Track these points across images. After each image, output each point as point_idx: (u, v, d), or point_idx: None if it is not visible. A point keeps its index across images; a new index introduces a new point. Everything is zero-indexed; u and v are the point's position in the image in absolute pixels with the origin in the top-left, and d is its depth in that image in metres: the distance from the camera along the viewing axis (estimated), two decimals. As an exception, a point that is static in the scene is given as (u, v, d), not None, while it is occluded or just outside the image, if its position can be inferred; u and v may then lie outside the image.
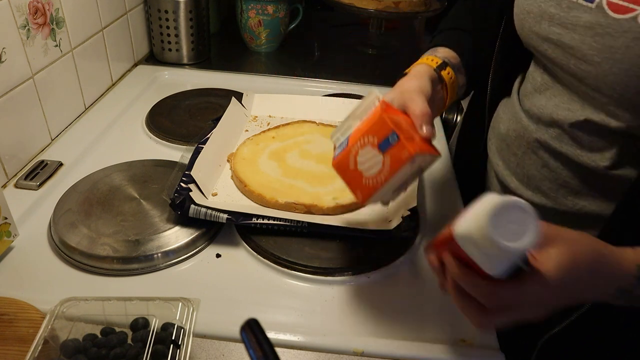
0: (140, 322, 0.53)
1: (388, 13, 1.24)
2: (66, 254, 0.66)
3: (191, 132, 0.91)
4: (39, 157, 0.85)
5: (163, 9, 1.15)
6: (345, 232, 0.69)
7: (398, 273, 0.67)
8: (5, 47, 0.75)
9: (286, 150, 0.85)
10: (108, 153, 0.87)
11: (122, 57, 1.14)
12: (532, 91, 0.67)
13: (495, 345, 0.58)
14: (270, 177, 0.78)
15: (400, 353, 0.57)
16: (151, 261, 0.65)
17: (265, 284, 0.65)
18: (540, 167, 0.65)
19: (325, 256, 0.67)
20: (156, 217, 0.71)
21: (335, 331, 0.59)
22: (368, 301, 0.63)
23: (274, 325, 0.58)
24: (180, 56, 1.21)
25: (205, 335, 0.56)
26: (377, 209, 0.76)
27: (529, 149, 0.66)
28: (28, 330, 0.54)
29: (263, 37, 1.30)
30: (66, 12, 0.89)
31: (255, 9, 1.25)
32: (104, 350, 0.50)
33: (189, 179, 0.73)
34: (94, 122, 0.95)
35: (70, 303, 0.52)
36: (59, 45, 0.89)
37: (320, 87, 1.15)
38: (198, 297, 0.54)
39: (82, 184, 0.76)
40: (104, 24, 1.03)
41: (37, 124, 0.85)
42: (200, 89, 1.10)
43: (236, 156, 0.83)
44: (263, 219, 0.69)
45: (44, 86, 0.85)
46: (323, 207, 0.73)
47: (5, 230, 0.64)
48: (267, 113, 0.99)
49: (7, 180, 0.78)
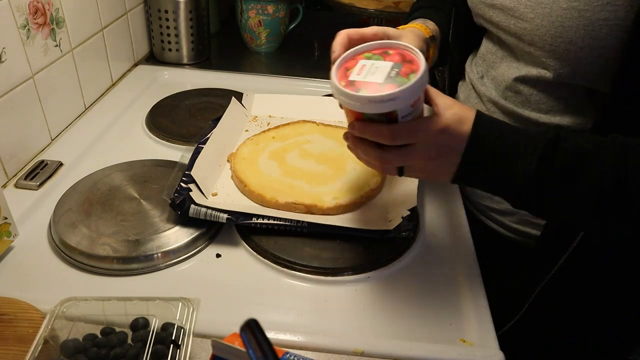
0: (140, 322, 0.53)
1: (388, 13, 1.25)
2: (66, 254, 0.66)
3: (191, 132, 0.91)
4: (39, 157, 0.85)
5: (163, 9, 1.15)
6: (345, 232, 0.69)
7: (398, 273, 0.67)
8: (5, 47, 0.75)
9: (286, 150, 0.85)
10: (108, 153, 0.87)
11: (122, 57, 1.14)
12: (484, 65, 0.76)
13: (495, 345, 0.58)
14: (270, 177, 0.78)
15: (400, 353, 0.57)
16: (151, 261, 0.65)
17: (265, 284, 0.65)
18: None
19: (325, 256, 0.67)
20: (156, 217, 0.71)
21: (335, 331, 0.59)
22: (368, 301, 0.63)
23: (274, 325, 0.58)
24: (180, 56, 1.21)
25: (205, 335, 0.56)
26: (377, 209, 0.76)
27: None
28: (28, 330, 0.54)
29: (263, 37, 1.30)
30: (66, 12, 0.89)
31: (255, 9, 1.25)
32: (104, 350, 0.50)
33: (189, 179, 0.73)
34: (94, 122, 0.95)
35: (70, 303, 0.52)
36: (59, 45, 0.89)
37: (320, 87, 1.15)
38: (198, 297, 0.54)
39: (82, 184, 0.76)
40: (104, 24, 1.03)
41: (37, 124, 0.85)
42: (200, 89, 1.10)
43: (236, 156, 0.83)
44: (263, 219, 0.69)
45: (44, 86, 0.85)
46: (323, 207, 0.73)
47: (5, 230, 0.64)
48: (267, 113, 0.99)
49: (7, 180, 0.78)
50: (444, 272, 0.68)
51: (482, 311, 0.62)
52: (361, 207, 0.75)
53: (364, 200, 0.76)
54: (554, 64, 0.62)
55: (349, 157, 0.84)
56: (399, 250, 0.69)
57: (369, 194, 0.76)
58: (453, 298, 0.64)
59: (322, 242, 0.69)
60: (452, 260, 0.70)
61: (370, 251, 0.68)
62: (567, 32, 0.58)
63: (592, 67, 0.59)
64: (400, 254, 0.69)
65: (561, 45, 0.59)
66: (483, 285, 0.66)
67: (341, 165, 0.82)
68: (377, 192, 0.78)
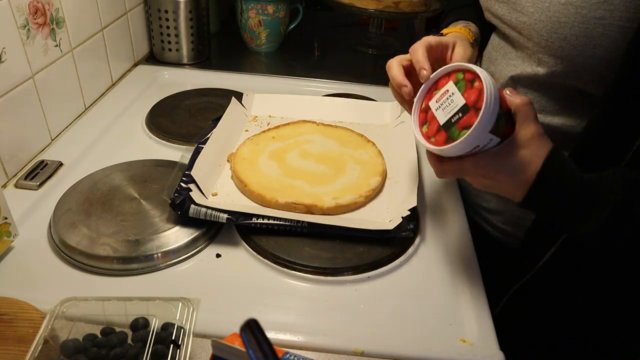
0: (140, 322, 0.53)
1: (388, 13, 1.24)
2: (66, 254, 0.66)
3: (191, 132, 0.91)
4: (39, 157, 0.85)
5: (163, 9, 1.15)
6: (345, 232, 0.69)
7: (398, 273, 0.67)
8: (5, 47, 0.75)
9: (286, 150, 0.85)
10: (108, 153, 0.87)
11: (122, 57, 1.14)
12: (487, 62, 0.77)
13: (495, 345, 0.58)
14: (270, 177, 0.78)
15: (400, 353, 0.57)
16: (151, 261, 0.65)
17: (265, 284, 0.65)
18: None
19: (325, 256, 0.67)
20: (156, 217, 0.71)
21: (335, 331, 0.59)
22: (368, 301, 0.63)
23: (274, 325, 0.58)
24: (180, 56, 1.21)
25: (205, 335, 0.56)
26: (377, 209, 0.76)
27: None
28: (28, 330, 0.54)
29: (263, 37, 1.30)
30: (66, 12, 0.89)
31: (255, 9, 1.25)
32: (104, 350, 0.50)
33: (189, 179, 0.73)
34: (94, 122, 0.95)
35: (70, 303, 0.52)
36: (59, 45, 0.89)
37: (320, 87, 1.15)
38: (198, 297, 0.54)
39: (82, 184, 0.76)
40: (104, 24, 1.03)
41: (37, 124, 0.85)
42: (200, 89, 1.10)
43: (236, 156, 0.83)
44: (263, 219, 0.69)
45: (44, 86, 0.85)
46: (323, 207, 0.73)
47: (5, 230, 0.64)
48: (267, 113, 0.99)
49: (7, 180, 0.78)
50: (444, 272, 0.68)
51: (482, 311, 0.62)
52: (361, 207, 0.76)
53: (364, 200, 0.76)
54: (548, 61, 0.62)
55: (349, 157, 0.84)
56: (399, 250, 0.69)
57: (369, 194, 0.76)
58: (453, 298, 0.64)
59: (322, 242, 0.69)
60: (452, 260, 0.70)
61: (370, 251, 0.68)
62: (562, 28, 0.59)
63: (584, 66, 0.59)
64: (400, 254, 0.69)
65: (555, 41, 0.60)
66: (483, 285, 0.66)
67: (341, 165, 0.82)
68: (377, 192, 0.78)
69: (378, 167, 0.82)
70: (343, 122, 0.98)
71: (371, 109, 1.01)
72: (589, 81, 0.61)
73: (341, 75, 1.19)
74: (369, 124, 0.98)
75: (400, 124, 0.93)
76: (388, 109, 1.01)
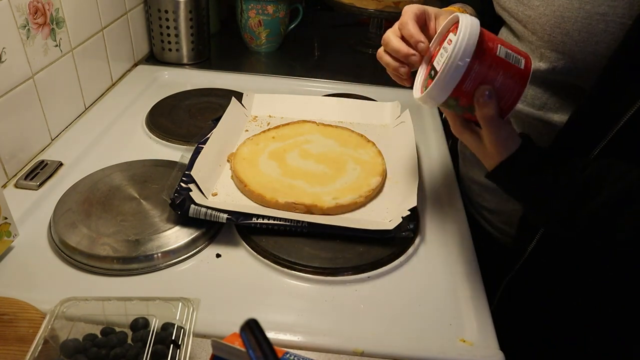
0: (140, 322, 0.53)
1: (388, 13, 1.25)
2: (66, 254, 0.66)
3: (191, 132, 0.91)
4: (39, 157, 0.85)
5: (163, 9, 1.15)
6: (345, 232, 0.69)
7: (398, 273, 0.67)
8: (5, 47, 0.75)
9: (286, 150, 0.85)
10: (108, 153, 0.87)
11: (122, 57, 1.14)
12: None
13: (495, 345, 0.58)
14: (270, 177, 0.78)
15: (400, 353, 0.57)
16: (151, 261, 0.65)
17: (265, 284, 0.65)
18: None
19: (325, 256, 0.67)
20: (156, 217, 0.71)
21: (335, 331, 0.59)
22: (368, 301, 0.63)
23: (274, 325, 0.58)
24: (180, 56, 1.21)
25: (205, 335, 0.56)
26: (377, 209, 0.76)
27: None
28: (28, 330, 0.54)
29: (263, 37, 1.30)
30: (66, 12, 0.89)
31: (255, 9, 1.25)
32: (104, 350, 0.50)
33: (189, 179, 0.73)
34: (94, 122, 0.95)
35: (70, 303, 0.52)
36: (59, 45, 0.89)
37: (320, 87, 1.15)
38: (198, 297, 0.54)
39: (82, 184, 0.76)
40: (104, 24, 1.03)
41: (37, 124, 0.85)
42: (200, 89, 1.10)
43: (236, 156, 0.83)
44: (263, 219, 0.69)
45: (44, 86, 0.85)
46: (323, 207, 0.73)
47: (5, 230, 0.64)
48: (267, 113, 0.99)
49: (7, 180, 0.78)
50: (444, 272, 0.68)
51: (482, 311, 0.62)
52: (361, 207, 0.76)
53: (364, 200, 0.76)
54: (550, 56, 0.63)
55: (349, 157, 0.84)
56: (399, 250, 0.69)
57: (369, 194, 0.76)
58: (453, 298, 0.64)
59: (322, 242, 0.69)
60: (452, 260, 0.70)
61: (370, 251, 0.68)
62: (565, 23, 0.59)
63: (585, 63, 0.60)
64: (400, 254, 0.69)
65: (558, 36, 0.60)
66: (483, 285, 0.66)
67: (341, 165, 0.82)
68: (377, 192, 0.78)
69: (378, 167, 0.82)
70: (343, 122, 0.98)
71: (371, 109, 1.01)
72: (589, 79, 0.61)
73: (341, 75, 1.19)
74: (369, 124, 0.98)
75: (400, 124, 0.93)
76: (388, 109, 1.01)
